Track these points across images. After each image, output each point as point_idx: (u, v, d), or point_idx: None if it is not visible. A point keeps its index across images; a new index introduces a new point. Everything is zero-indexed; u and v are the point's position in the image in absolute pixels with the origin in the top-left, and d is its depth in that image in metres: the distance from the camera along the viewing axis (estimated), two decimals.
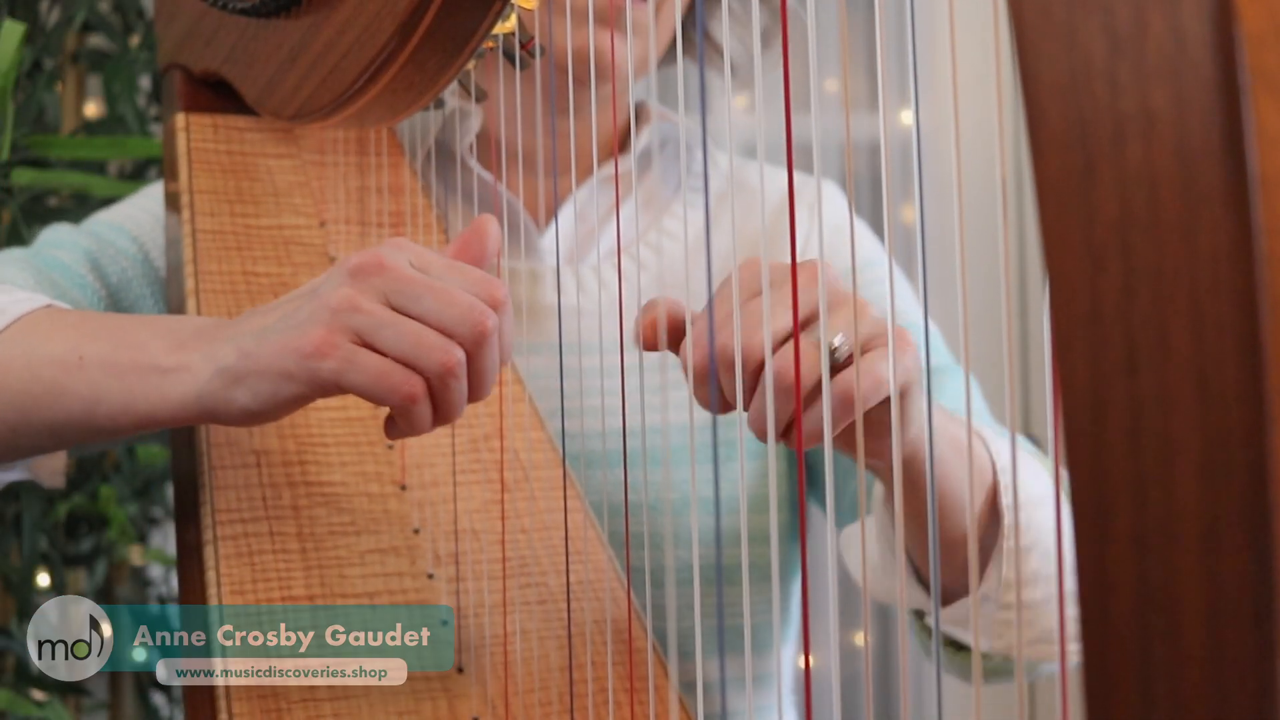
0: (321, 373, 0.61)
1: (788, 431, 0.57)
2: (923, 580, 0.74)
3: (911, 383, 0.59)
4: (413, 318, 0.62)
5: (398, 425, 0.64)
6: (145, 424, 0.67)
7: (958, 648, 0.80)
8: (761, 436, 0.56)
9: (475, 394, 0.64)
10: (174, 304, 0.85)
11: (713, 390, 0.57)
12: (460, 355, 0.62)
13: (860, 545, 0.73)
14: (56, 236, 0.93)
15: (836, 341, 0.56)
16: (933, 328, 0.99)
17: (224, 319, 0.68)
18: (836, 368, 0.56)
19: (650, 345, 0.61)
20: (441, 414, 0.63)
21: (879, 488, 0.73)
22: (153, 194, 0.98)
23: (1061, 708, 0.36)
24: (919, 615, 0.80)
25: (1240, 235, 0.27)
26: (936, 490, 0.65)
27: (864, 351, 0.57)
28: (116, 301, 0.92)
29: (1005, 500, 0.68)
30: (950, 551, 0.69)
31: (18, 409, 0.69)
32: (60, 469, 0.81)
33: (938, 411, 0.66)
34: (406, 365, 0.61)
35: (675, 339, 0.61)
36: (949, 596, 0.74)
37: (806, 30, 0.45)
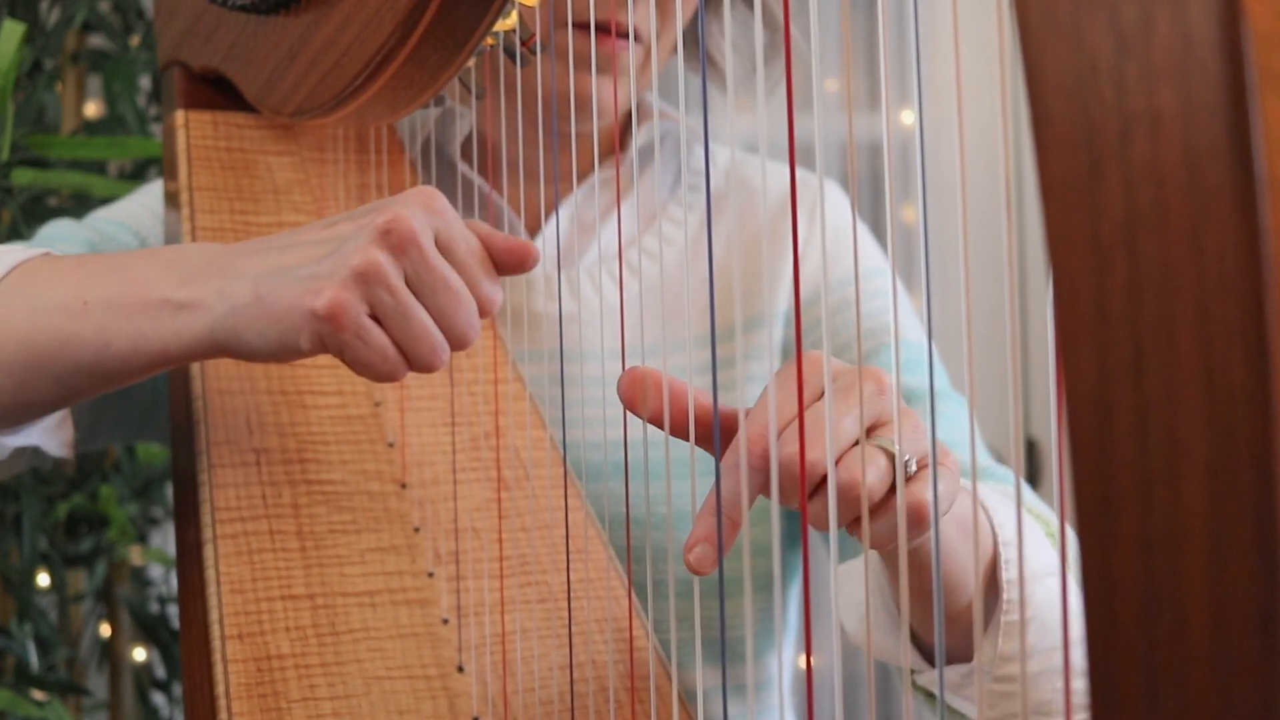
0: (327, 339, 0.61)
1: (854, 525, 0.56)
2: (916, 640, 0.74)
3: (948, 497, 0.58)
4: (425, 306, 0.63)
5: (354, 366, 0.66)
6: (157, 362, 0.66)
7: (949, 710, 0.80)
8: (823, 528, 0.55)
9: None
10: None
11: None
12: (446, 359, 0.64)
13: (858, 592, 0.73)
14: (57, 231, 0.93)
15: (907, 456, 0.55)
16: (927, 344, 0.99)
17: (228, 246, 0.67)
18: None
19: (634, 407, 0.59)
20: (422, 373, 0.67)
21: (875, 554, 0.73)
22: (153, 191, 0.98)
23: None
24: (911, 673, 0.80)
25: (1247, 235, 0.27)
26: (939, 567, 0.66)
27: (919, 468, 0.56)
28: None
29: (1006, 575, 0.69)
30: (947, 622, 0.69)
31: (25, 362, 0.67)
32: (69, 440, 0.79)
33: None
34: (402, 352, 0.63)
35: (705, 433, 0.59)
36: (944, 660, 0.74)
37: (808, 32, 0.45)
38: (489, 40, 0.74)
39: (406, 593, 0.72)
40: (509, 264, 0.66)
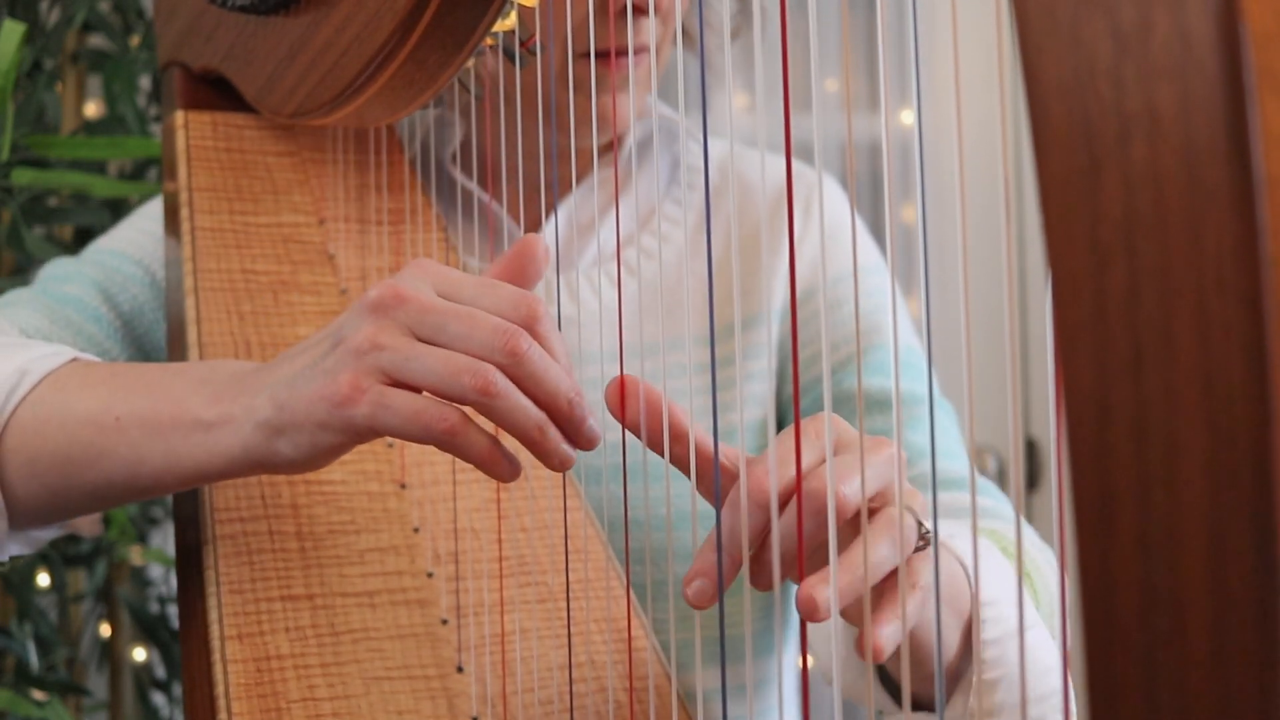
0: (355, 420, 0.59)
1: None
2: (885, 681, 0.74)
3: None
4: (440, 346, 0.59)
5: (484, 468, 0.61)
6: (191, 480, 0.65)
7: None
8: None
9: (554, 413, 0.61)
10: (173, 303, 0.85)
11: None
12: (493, 375, 0.59)
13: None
14: (61, 271, 0.92)
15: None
16: (918, 347, 0.99)
17: (259, 364, 0.66)
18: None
19: (620, 417, 0.59)
20: (512, 427, 0.60)
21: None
22: (147, 214, 0.97)
23: None
24: (879, 715, 0.81)
25: (1245, 235, 0.27)
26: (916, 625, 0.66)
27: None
28: (131, 329, 0.91)
29: (984, 635, 0.69)
30: (920, 668, 0.68)
31: (58, 472, 0.68)
32: (97, 518, 0.79)
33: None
34: (440, 394, 0.59)
35: (685, 456, 0.59)
36: (913, 705, 0.73)
37: (806, 32, 0.45)
38: (488, 41, 0.74)
39: (406, 593, 0.72)
40: (521, 269, 0.64)
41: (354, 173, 0.92)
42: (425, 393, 0.60)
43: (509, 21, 0.73)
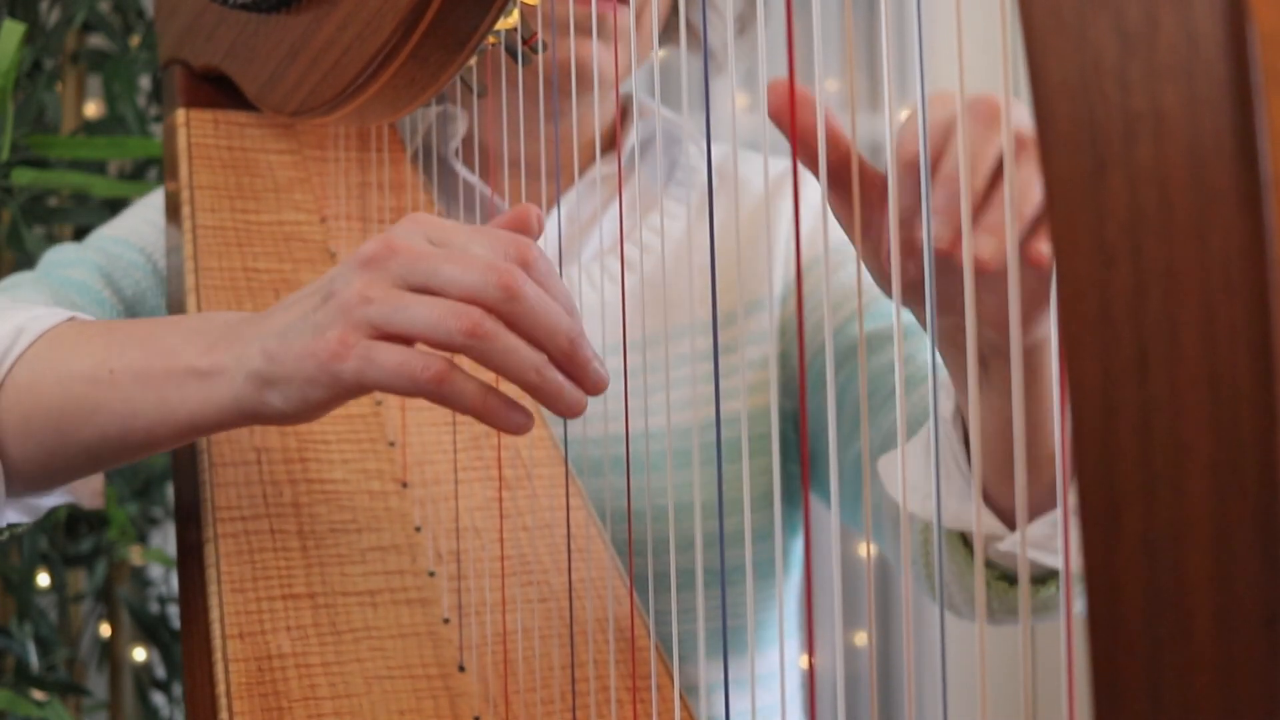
0: (343, 375, 0.59)
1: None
2: (990, 505, 0.70)
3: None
4: (433, 292, 0.58)
5: (483, 418, 0.60)
6: (186, 432, 0.65)
7: (1012, 582, 0.75)
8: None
9: (554, 354, 0.59)
10: (174, 300, 0.85)
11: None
12: (480, 315, 0.57)
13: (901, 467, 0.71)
14: (64, 256, 0.92)
15: None
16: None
17: (251, 314, 0.66)
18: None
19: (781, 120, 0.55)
20: (508, 371, 0.58)
21: (947, 404, 0.70)
22: (151, 204, 0.98)
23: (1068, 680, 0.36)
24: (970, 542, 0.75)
25: (1252, 236, 0.27)
26: (1039, 398, 0.63)
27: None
28: (133, 314, 0.92)
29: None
30: (1035, 469, 0.65)
31: (53, 429, 0.67)
32: (100, 489, 0.78)
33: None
34: (429, 342, 0.58)
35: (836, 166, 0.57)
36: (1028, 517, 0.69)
37: (809, 30, 0.45)
38: (491, 39, 0.74)
39: (407, 592, 0.72)
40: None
41: (356, 170, 0.92)
42: (418, 344, 0.59)
43: (511, 19, 0.73)
